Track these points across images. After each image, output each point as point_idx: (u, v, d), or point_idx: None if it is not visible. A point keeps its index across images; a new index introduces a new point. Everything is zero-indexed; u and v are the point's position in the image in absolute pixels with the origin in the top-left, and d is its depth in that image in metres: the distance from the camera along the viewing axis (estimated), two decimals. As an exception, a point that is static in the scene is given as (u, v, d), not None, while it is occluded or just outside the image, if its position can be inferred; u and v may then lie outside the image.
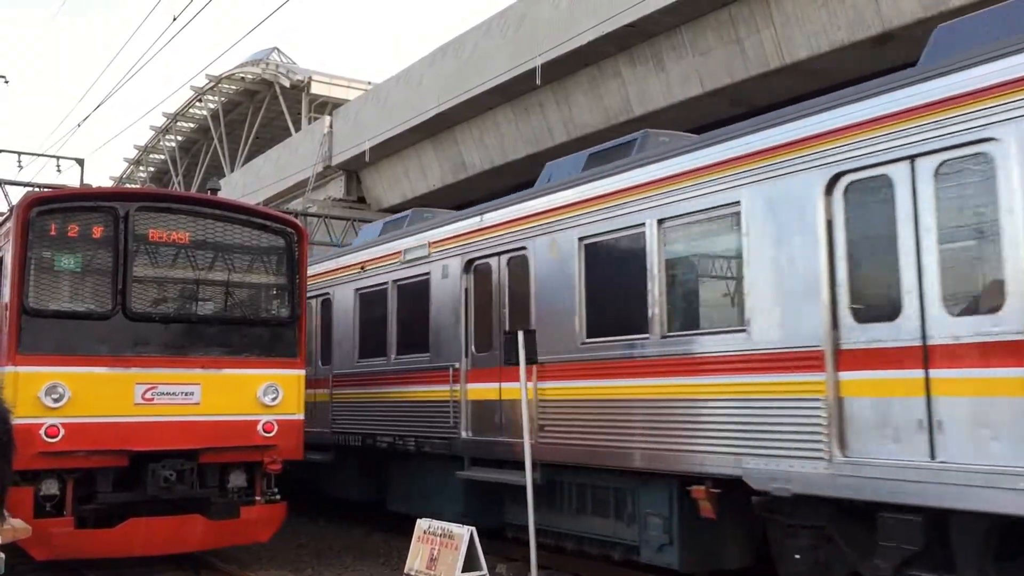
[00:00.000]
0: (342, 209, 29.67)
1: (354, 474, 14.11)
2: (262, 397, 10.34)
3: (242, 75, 40.40)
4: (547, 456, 9.72)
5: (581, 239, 9.60)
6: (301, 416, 10.72)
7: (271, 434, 10.31)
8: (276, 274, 11.05)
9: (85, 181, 26.89)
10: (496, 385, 10.66)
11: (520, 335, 9.40)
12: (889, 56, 16.02)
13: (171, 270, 10.48)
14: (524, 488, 9.57)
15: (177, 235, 10.32)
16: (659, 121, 20.42)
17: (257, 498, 10.44)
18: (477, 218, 11.39)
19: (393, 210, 29.85)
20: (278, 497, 10.57)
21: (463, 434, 11.10)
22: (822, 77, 17.29)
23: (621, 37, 19.32)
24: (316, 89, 37.03)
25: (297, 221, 11.35)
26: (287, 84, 37.52)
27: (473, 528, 8.65)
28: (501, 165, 24.56)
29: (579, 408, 9.44)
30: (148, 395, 9.77)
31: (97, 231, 9.87)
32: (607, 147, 10.47)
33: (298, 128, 36.77)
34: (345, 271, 14.37)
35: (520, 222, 10.58)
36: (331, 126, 30.82)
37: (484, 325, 11.10)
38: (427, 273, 12.09)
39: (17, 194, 24.72)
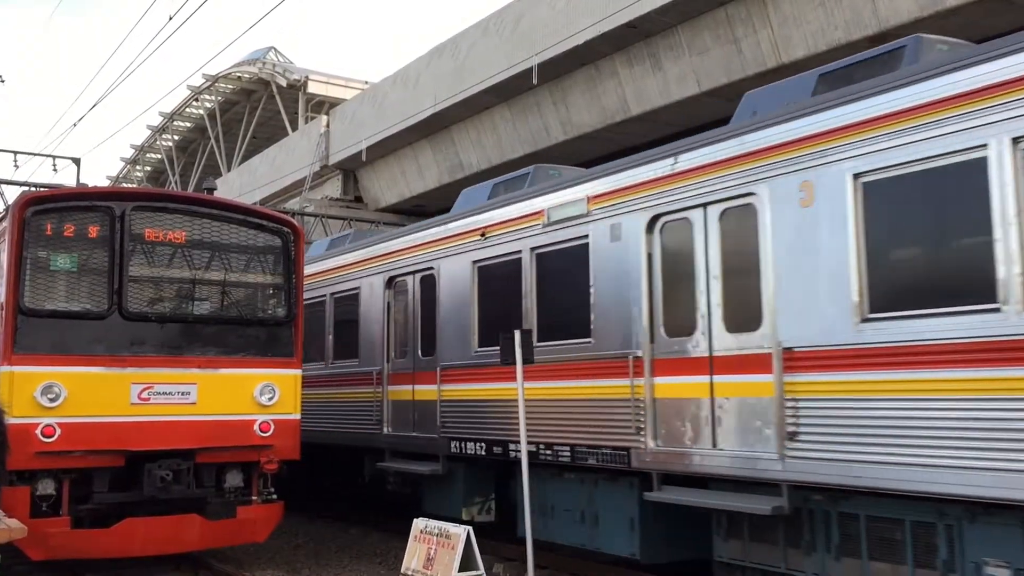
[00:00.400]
0: (339, 209, 29.74)
1: (471, 490, 11.79)
2: (259, 397, 10.35)
3: (239, 74, 40.38)
4: (801, 474, 7.26)
5: (857, 176, 7.03)
6: (298, 416, 10.71)
7: (268, 434, 10.32)
8: (273, 274, 11.05)
9: (81, 180, 26.89)
10: (704, 379, 8.22)
11: (517, 334, 9.27)
12: (886, 56, 16.06)
13: (167, 270, 10.47)
14: (747, 516, 7.94)
15: (173, 235, 10.32)
16: (657, 121, 20.51)
17: (254, 498, 10.45)
18: (669, 160, 8.78)
19: (391, 210, 29.92)
20: (275, 497, 10.59)
21: (649, 443, 8.74)
22: (819, 77, 17.32)
23: (618, 37, 19.32)
24: (313, 88, 36.97)
25: (293, 220, 11.35)
26: (284, 83, 37.47)
27: (470, 528, 8.61)
28: (499, 165, 24.56)
29: (863, 409, 6.85)
30: (144, 395, 9.78)
31: (93, 231, 9.87)
32: (856, 60, 8.08)
33: (295, 127, 36.72)
34: (456, 240, 11.81)
35: (744, 160, 7.94)
36: (328, 125, 30.82)
37: (679, 302, 8.59)
38: (584, 236, 9.65)
39: (13, 193, 24.75)
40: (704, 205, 8.38)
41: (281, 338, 10.81)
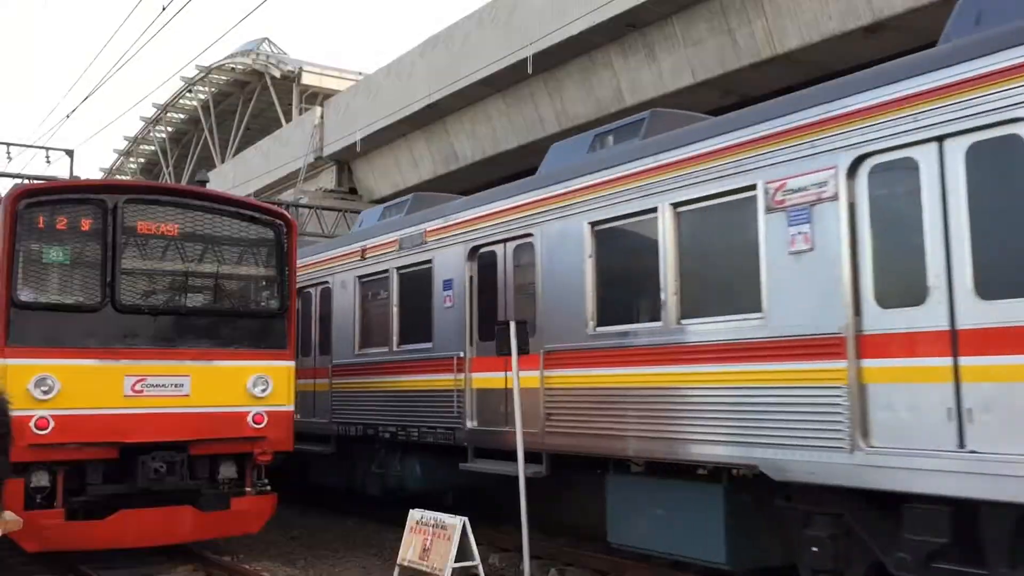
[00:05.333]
0: (333, 200, 29.85)
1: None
2: (252, 389, 10.43)
3: (232, 65, 40.50)
4: None
5: None
6: (291, 407, 10.81)
7: (261, 425, 10.40)
8: (265, 266, 11.13)
9: (75, 172, 26.98)
10: None
11: (512, 325, 9.35)
12: (880, 46, 16.13)
13: (160, 262, 10.55)
14: None
15: (166, 227, 10.39)
16: (651, 112, 20.64)
17: (247, 489, 10.55)
18: None
19: (385, 200, 29.98)
20: (268, 488, 10.69)
21: None
22: (813, 67, 17.40)
23: (612, 27, 19.35)
24: (307, 80, 37.15)
25: (286, 213, 11.41)
26: (278, 75, 37.61)
27: (465, 519, 8.67)
28: (493, 156, 24.66)
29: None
30: (138, 387, 9.86)
31: (86, 223, 9.94)
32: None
33: (289, 119, 36.86)
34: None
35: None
36: (322, 117, 30.91)
37: None
38: None
39: (6, 185, 24.84)
40: None
41: (274, 330, 10.89)
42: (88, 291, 10.00)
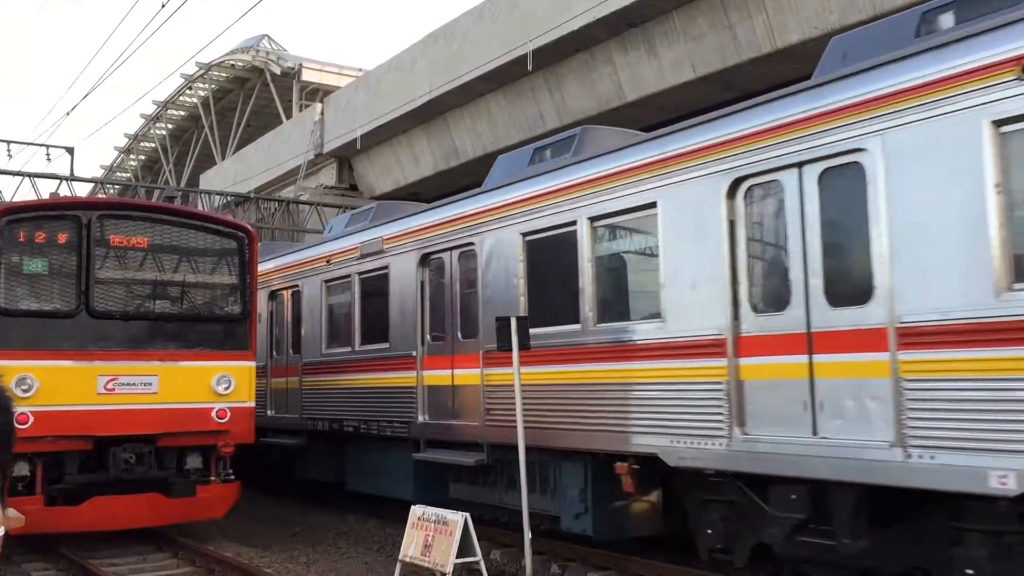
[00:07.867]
0: (334, 197, 31.79)
1: None
2: (215, 386, 12.52)
3: (232, 62, 42.65)
4: None
5: None
6: (252, 404, 12.89)
7: (224, 420, 12.49)
8: (229, 274, 13.23)
9: (75, 170, 29.32)
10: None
11: (512, 320, 10.19)
12: (872, 43, 17.59)
13: (131, 272, 12.65)
14: None
15: (136, 240, 12.54)
16: (651, 107, 22.21)
17: (212, 478, 12.61)
18: None
19: (386, 198, 31.83)
20: (232, 477, 12.73)
21: None
22: (815, 62, 18.82)
23: (613, 23, 20.93)
24: (307, 76, 39.14)
25: (247, 226, 13.51)
26: (278, 71, 39.63)
27: (467, 515, 9.58)
28: (494, 152, 26.21)
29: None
30: (110, 385, 11.92)
31: (62, 237, 12.08)
32: None
33: (289, 115, 38.90)
34: None
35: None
36: (322, 113, 32.74)
37: None
38: None
39: (6, 183, 27.26)
40: None
41: (236, 333, 13.00)
42: (65, 299, 12.10)
